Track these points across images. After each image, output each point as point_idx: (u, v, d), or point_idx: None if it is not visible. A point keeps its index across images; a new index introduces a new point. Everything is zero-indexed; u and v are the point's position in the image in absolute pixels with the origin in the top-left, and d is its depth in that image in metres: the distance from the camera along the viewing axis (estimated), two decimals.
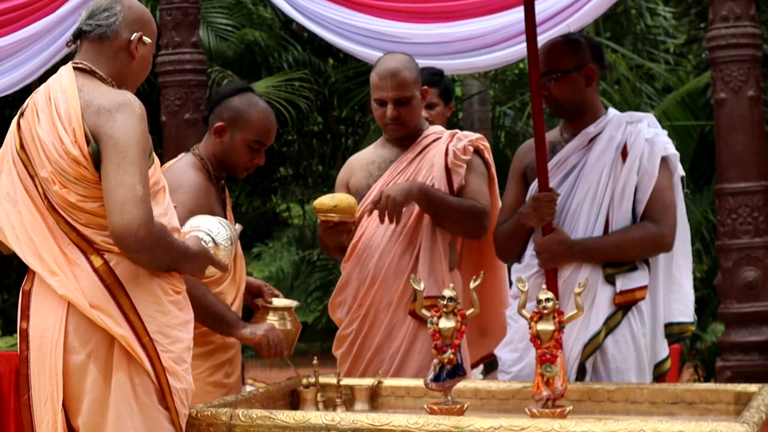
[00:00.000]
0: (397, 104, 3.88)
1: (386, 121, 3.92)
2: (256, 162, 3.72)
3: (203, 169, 3.69)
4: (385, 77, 3.88)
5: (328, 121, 13.21)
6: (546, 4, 4.55)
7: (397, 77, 3.87)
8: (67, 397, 2.79)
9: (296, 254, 12.37)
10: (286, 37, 12.10)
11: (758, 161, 5.28)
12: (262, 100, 3.76)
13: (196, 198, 3.53)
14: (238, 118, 3.66)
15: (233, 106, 3.68)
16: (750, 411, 2.67)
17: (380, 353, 3.91)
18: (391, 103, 3.88)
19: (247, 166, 3.72)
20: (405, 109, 3.89)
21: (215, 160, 3.71)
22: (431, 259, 3.87)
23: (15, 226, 2.85)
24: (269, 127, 3.70)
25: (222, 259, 3.10)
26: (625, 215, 3.59)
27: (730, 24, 5.24)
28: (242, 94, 3.72)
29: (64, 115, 2.80)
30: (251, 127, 3.66)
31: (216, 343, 3.54)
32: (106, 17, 2.93)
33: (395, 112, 3.88)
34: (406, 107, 3.89)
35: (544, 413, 2.74)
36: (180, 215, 3.05)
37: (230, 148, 3.68)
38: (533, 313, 2.88)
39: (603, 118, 3.71)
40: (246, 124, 3.66)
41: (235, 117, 3.67)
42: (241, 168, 3.72)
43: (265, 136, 3.69)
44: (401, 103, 3.88)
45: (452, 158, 3.91)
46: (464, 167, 3.92)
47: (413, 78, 3.91)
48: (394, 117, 3.89)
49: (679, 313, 3.69)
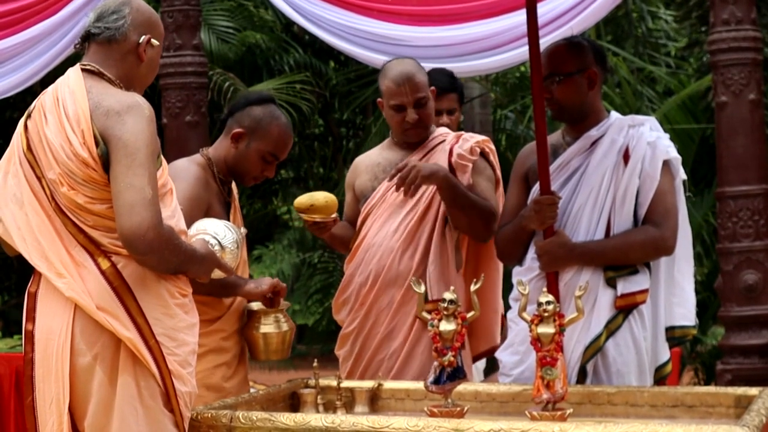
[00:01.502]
0: (417, 107, 3.93)
1: (407, 126, 3.95)
2: (266, 174, 3.74)
3: (207, 168, 3.69)
4: (403, 83, 3.92)
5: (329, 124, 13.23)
6: (548, 7, 4.56)
7: (413, 80, 3.92)
8: (73, 399, 2.79)
9: (297, 257, 12.37)
10: (288, 39, 12.12)
11: (759, 164, 5.28)
12: (284, 114, 3.77)
13: (192, 188, 3.53)
14: (258, 128, 3.68)
15: (255, 115, 3.69)
16: (750, 414, 2.67)
17: (380, 353, 3.92)
18: (410, 107, 3.92)
19: (256, 175, 3.74)
20: (424, 111, 3.95)
21: (226, 164, 3.72)
22: (441, 263, 3.90)
23: (21, 227, 2.85)
24: (286, 141, 3.73)
25: (228, 262, 3.11)
26: (626, 218, 3.59)
27: (731, 27, 5.24)
28: (266, 104, 3.74)
29: (73, 116, 2.80)
30: (269, 139, 3.68)
31: (208, 346, 3.53)
32: (115, 20, 2.94)
33: (416, 115, 3.93)
34: (425, 109, 3.95)
35: (545, 416, 2.74)
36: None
37: (244, 155, 3.69)
38: (534, 316, 2.88)
39: (605, 121, 3.71)
40: (264, 135, 3.68)
41: (255, 126, 3.68)
42: (250, 177, 3.75)
43: (280, 150, 3.71)
44: (420, 105, 3.93)
45: (456, 158, 3.92)
46: (470, 167, 3.93)
47: (425, 80, 3.98)
48: (416, 121, 3.93)
49: (680, 317, 3.69)
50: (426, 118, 3.97)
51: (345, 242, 4.10)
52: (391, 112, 3.97)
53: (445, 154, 3.95)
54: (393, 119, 3.99)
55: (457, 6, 4.75)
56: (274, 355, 3.68)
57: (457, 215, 3.88)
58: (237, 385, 3.65)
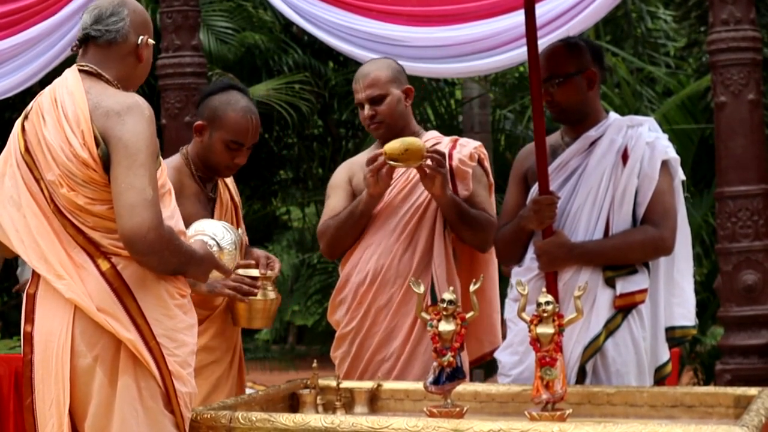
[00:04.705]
0: (372, 103, 3.93)
1: (366, 122, 3.97)
2: (237, 162, 3.65)
3: (182, 168, 3.65)
4: (357, 80, 3.97)
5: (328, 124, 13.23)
6: (547, 7, 4.56)
7: (368, 78, 3.94)
8: (73, 400, 2.79)
9: (296, 257, 12.36)
10: (287, 40, 12.12)
11: (758, 164, 5.28)
12: (245, 98, 3.69)
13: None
14: (215, 117, 3.62)
15: (212, 105, 3.65)
16: (749, 414, 2.67)
17: (379, 353, 3.91)
18: (366, 103, 3.94)
19: (228, 165, 3.66)
20: (381, 108, 3.93)
21: (198, 159, 3.68)
22: (446, 263, 3.90)
23: (19, 230, 2.85)
24: (246, 127, 3.62)
25: (226, 263, 3.11)
26: (625, 219, 3.59)
27: (730, 27, 5.24)
28: (224, 92, 3.67)
29: (72, 117, 2.80)
30: (227, 127, 3.61)
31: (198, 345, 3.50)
32: (115, 22, 2.93)
33: (371, 111, 3.93)
34: (381, 105, 3.93)
35: (544, 416, 2.74)
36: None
37: (209, 147, 3.64)
38: (533, 316, 2.88)
39: (604, 121, 3.72)
40: (222, 124, 3.61)
41: (213, 116, 3.63)
42: (222, 167, 3.67)
43: (241, 136, 3.62)
44: (375, 102, 3.93)
45: (458, 163, 3.91)
46: (470, 173, 3.93)
47: (386, 76, 3.95)
48: (370, 116, 3.94)
49: (680, 317, 3.69)
50: (383, 114, 3.93)
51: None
52: (359, 108, 4.01)
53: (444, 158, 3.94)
54: (360, 118, 4.02)
55: (455, 6, 4.75)
56: (256, 323, 3.64)
57: (461, 230, 3.90)
58: (229, 385, 3.65)
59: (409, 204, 3.94)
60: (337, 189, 4.06)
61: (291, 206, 13.64)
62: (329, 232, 3.97)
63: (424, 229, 3.91)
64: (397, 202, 3.95)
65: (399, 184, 3.94)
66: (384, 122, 3.94)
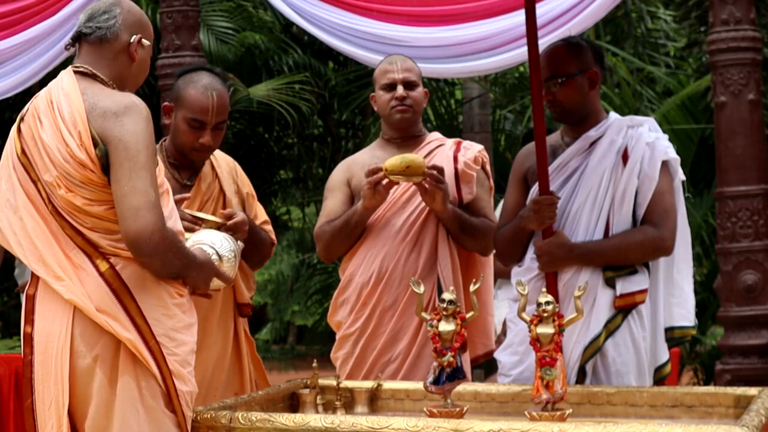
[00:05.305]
0: (406, 87, 3.96)
1: (394, 103, 3.95)
2: (202, 142, 3.56)
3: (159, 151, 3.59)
4: (394, 61, 4.01)
5: (328, 124, 13.22)
6: (547, 7, 4.56)
7: (406, 62, 4.01)
8: (73, 401, 2.79)
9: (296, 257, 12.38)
10: (287, 40, 12.11)
11: (758, 165, 5.28)
12: (211, 77, 3.61)
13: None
14: (178, 96, 3.61)
15: (176, 86, 3.64)
16: (749, 414, 2.67)
17: (385, 354, 3.90)
18: (400, 84, 3.95)
19: (193, 146, 3.58)
20: (413, 93, 3.96)
21: (171, 144, 3.66)
22: (452, 264, 3.90)
23: (17, 232, 2.85)
24: (204, 103, 3.54)
25: (226, 272, 3.11)
26: (625, 219, 3.59)
27: (730, 27, 5.24)
28: (190, 73, 3.64)
29: (69, 118, 2.80)
30: (187, 105, 3.56)
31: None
32: (106, 19, 2.94)
33: (404, 93, 3.95)
34: (413, 92, 3.97)
35: (544, 416, 2.74)
36: None
37: (175, 128, 3.62)
38: (533, 316, 2.88)
39: (604, 121, 3.72)
40: (183, 102, 3.58)
41: (176, 95, 3.62)
42: (188, 149, 3.59)
43: (200, 112, 3.54)
44: (410, 86, 3.96)
45: (463, 167, 3.92)
46: (474, 177, 3.94)
47: (418, 72, 4.04)
48: (402, 97, 3.95)
49: (680, 317, 3.69)
50: (414, 101, 3.97)
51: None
52: (381, 93, 4.00)
53: (448, 159, 3.94)
54: (381, 100, 4.00)
55: (456, 6, 4.75)
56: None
57: (464, 240, 3.93)
58: (224, 383, 3.64)
59: (414, 205, 3.93)
60: (335, 191, 4.05)
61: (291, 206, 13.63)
62: (324, 237, 3.98)
63: (429, 230, 3.91)
64: (401, 203, 3.94)
65: (403, 186, 3.94)
66: (413, 107, 3.98)
